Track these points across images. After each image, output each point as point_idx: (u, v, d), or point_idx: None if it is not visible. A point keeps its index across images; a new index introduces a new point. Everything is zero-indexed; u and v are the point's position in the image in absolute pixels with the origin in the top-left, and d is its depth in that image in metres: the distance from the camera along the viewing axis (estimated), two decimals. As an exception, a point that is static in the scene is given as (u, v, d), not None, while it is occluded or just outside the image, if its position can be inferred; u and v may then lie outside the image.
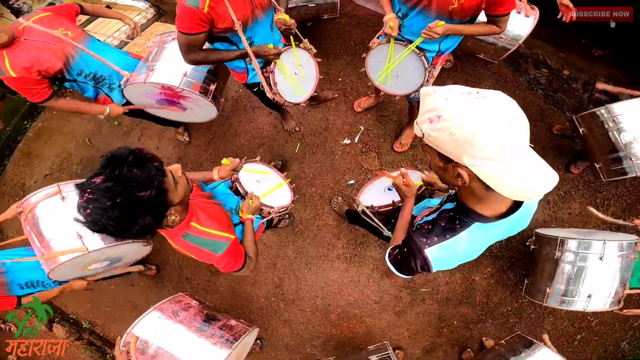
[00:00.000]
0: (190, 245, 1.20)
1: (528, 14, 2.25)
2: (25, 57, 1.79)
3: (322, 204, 2.95)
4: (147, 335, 1.66)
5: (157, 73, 1.95)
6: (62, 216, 1.80)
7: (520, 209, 0.88)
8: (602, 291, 1.93)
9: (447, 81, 3.12)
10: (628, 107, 1.98)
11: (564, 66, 3.21)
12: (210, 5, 1.46)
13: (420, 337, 2.72)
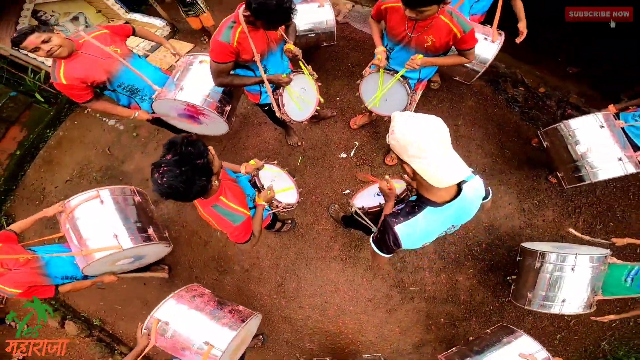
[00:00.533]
0: (216, 214, 1.57)
1: (494, 40, 2.63)
2: (78, 69, 2.13)
3: (321, 211, 3.28)
4: (167, 319, 1.95)
5: (184, 92, 2.32)
6: (100, 218, 2.14)
7: (462, 202, 1.24)
8: (575, 297, 2.23)
9: (433, 100, 3.53)
10: (582, 122, 2.35)
11: (539, 84, 3.61)
12: (238, 41, 1.90)
13: (410, 334, 2.99)
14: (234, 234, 1.66)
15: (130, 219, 2.25)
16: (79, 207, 2.11)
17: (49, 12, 3.84)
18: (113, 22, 4.36)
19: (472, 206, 1.37)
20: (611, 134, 2.29)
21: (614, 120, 2.35)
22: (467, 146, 3.37)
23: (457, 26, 1.89)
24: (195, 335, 1.91)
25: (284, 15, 1.73)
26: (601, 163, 2.27)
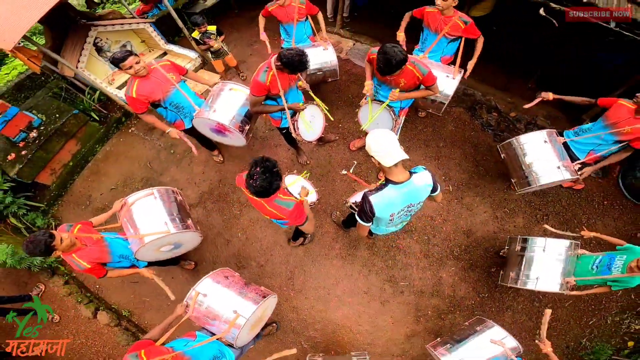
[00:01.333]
0: (277, 205, 2.21)
1: (454, 77, 3.39)
2: (146, 88, 2.93)
3: (325, 217, 3.93)
4: (203, 288, 2.54)
5: (216, 113, 3.10)
6: (153, 210, 2.80)
7: (413, 185, 1.96)
8: (549, 276, 2.73)
9: (419, 125, 4.31)
10: (530, 138, 3.04)
11: (511, 109, 4.36)
12: (270, 81, 2.71)
13: (401, 324, 3.47)
14: (292, 216, 2.26)
15: (174, 212, 2.89)
16: (136, 202, 2.79)
17: (104, 40, 4.72)
18: (153, 52, 5.34)
19: (422, 191, 2.05)
20: (553, 147, 2.95)
21: (556, 136, 3.03)
22: (447, 164, 4.08)
23: (419, 71, 2.69)
24: (225, 306, 2.44)
25: (303, 67, 2.55)
26: (543, 171, 2.92)
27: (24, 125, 3.98)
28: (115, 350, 3.74)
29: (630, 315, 3.43)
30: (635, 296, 3.47)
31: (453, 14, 3.17)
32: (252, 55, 5.39)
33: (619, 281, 2.40)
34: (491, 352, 2.41)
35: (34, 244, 2.22)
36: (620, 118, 2.65)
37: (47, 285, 3.97)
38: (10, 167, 3.86)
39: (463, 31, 3.22)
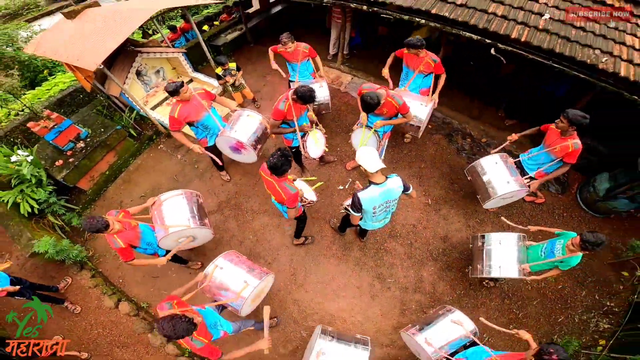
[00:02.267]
0: (283, 186, 3.01)
1: (427, 105, 4.38)
2: (185, 110, 3.79)
3: (324, 223, 4.70)
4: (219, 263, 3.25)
5: (237, 133, 4.00)
6: (180, 208, 3.51)
7: (389, 186, 2.82)
8: (508, 265, 3.45)
9: (405, 149, 5.26)
10: (487, 160, 3.96)
11: (482, 136, 5.33)
12: (287, 109, 3.63)
13: (389, 316, 4.10)
14: (290, 198, 3.07)
15: (195, 211, 3.61)
16: (167, 200, 3.51)
17: (144, 65, 5.71)
18: (181, 78, 6.33)
19: (395, 190, 2.91)
20: (504, 166, 3.87)
21: (505, 158, 3.96)
22: (428, 182, 4.98)
23: (396, 103, 3.67)
24: (235, 279, 3.16)
25: (312, 100, 3.54)
26: (497, 185, 3.80)
27: (73, 136, 4.78)
28: (130, 339, 4.19)
29: (597, 315, 4.07)
30: (600, 296, 4.17)
31: (425, 54, 4.21)
32: (265, 86, 6.46)
33: (564, 262, 3.08)
34: (454, 331, 3.05)
35: (95, 222, 2.89)
36: (552, 140, 3.55)
37: (75, 278, 4.53)
38: (57, 172, 4.61)
39: (434, 68, 4.27)
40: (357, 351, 2.93)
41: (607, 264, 4.35)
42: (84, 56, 3.98)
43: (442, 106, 5.75)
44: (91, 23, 4.43)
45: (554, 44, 3.71)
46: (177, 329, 2.29)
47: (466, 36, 4.16)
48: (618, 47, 3.71)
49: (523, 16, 4.01)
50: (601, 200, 4.42)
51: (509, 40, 3.89)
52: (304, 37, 7.57)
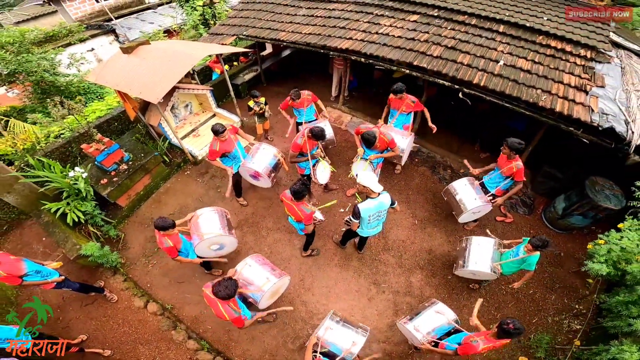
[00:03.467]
0: (302, 208, 4.02)
1: (407, 137, 5.59)
2: (223, 146, 4.92)
3: (328, 238, 5.66)
4: (248, 263, 4.17)
5: (254, 164, 5.13)
6: (213, 220, 4.48)
7: (381, 200, 3.94)
8: (482, 260, 4.37)
9: (395, 179, 6.40)
10: (458, 183, 5.09)
11: (461, 167, 6.52)
12: (303, 144, 4.81)
13: (384, 316, 4.89)
14: (307, 217, 4.05)
15: (224, 223, 4.56)
16: (202, 214, 4.47)
17: (177, 99, 6.87)
18: (205, 112, 7.54)
19: (385, 203, 3.97)
20: (471, 187, 5.00)
21: (472, 180, 5.10)
22: (414, 206, 6.06)
23: (386, 137, 4.86)
24: (261, 275, 4.07)
25: (323, 138, 4.74)
26: (467, 202, 4.89)
27: (118, 159, 5.81)
28: (153, 336, 4.81)
29: (568, 317, 4.86)
30: (569, 300, 5.03)
31: (406, 97, 5.49)
32: (277, 123, 7.71)
33: (525, 261, 4.00)
34: (438, 319, 3.87)
35: (167, 221, 3.88)
36: (502, 163, 4.71)
37: (108, 281, 5.29)
38: (102, 189, 5.56)
39: (413, 108, 5.56)
40: (357, 335, 3.64)
41: (572, 272, 5.27)
42: (146, 90, 5.09)
43: (426, 142, 7.11)
44: (147, 60, 5.54)
45: (505, 87, 4.95)
46: (229, 286, 3.20)
47: (439, 82, 5.50)
48: (556, 86, 4.91)
49: (483, 64, 5.32)
50: (560, 218, 5.52)
51: (472, 85, 5.17)
52: (309, 79, 9.37)
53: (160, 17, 17.81)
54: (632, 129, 4.35)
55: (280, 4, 7.88)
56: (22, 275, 3.90)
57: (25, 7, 18.51)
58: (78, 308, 5.06)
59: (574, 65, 5.26)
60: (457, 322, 3.86)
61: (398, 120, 5.80)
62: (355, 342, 3.54)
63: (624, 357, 3.50)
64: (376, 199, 3.93)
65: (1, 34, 8.56)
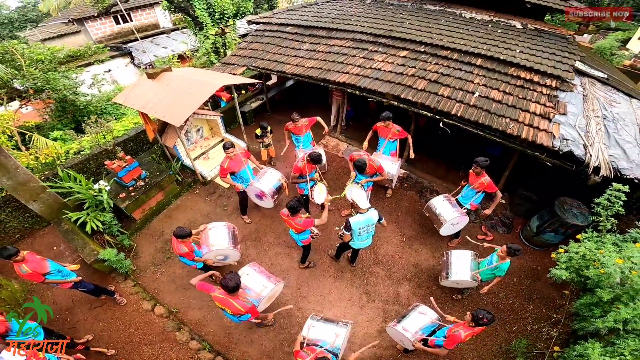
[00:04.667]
0: (297, 222, 4.72)
1: (395, 162, 6.45)
2: (232, 164, 5.73)
3: (323, 253, 6.30)
4: (246, 272, 4.78)
5: (261, 185, 5.92)
6: (222, 233, 5.16)
7: (369, 215, 4.67)
8: (464, 271, 4.97)
9: (386, 202, 7.15)
10: (436, 200, 5.83)
11: (446, 191, 7.17)
12: (303, 166, 5.64)
13: (374, 322, 5.41)
14: (304, 225, 4.73)
15: (232, 237, 5.20)
16: (214, 227, 5.14)
17: (189, 125, 7.70)
18: (215, 137, 8.41)
19: (373, 218, 4.70)
20: (448, 202, 5.74)
21: (449, 196, 5.85)
22: (403, 225, 6.76)
23: (375, 164, 5.65)
24: (258, 282, 4.67)
25: (320, 162, 5.55)
26: (446, 214, 5.60)
27: (136, 176, 6.58)
28: (157, 337, 5.28)
29: (547, 325, 5.33)
30: (546, 310, 5.55)
31: (392, 126, 6.33)
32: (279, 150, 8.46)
33: (498, 267, 4.62)
34: (422, 319, 4.42)
35: (185, 230, 4.58)
36: (472, 180, 5.45)
37: (118, 286, 5.87)
38: (121, 202, 6.29)
39: (398, 135, 6.39)
40: (339, 328, 4.08)
41: (549, 285, 5.83)
42: (170, 114, 5.94)
43: (415, 169, 7.93)
44: (170, 86, 6.40)
45: (479, 117, 5.77)
46: (234, 277, 3.82)
47: (422, 113, 6.40)
48: (523, 115, 5.71)
49: (461, 95, 6.18)
50: (535, 235, 6.19)
51: (451, 115, 6.02)
52: (310, 109, 10.40)
53: (174, 42, 19.24)
54: (590, 153, 5.13)
55: (286, 39, 8.94)
56: (45, 273, 4.50)
57: (50, 24, 20.25)
58: (87, 310, 5.59)
59: (540, 94, 6.10)
60: (439, 320, 4.40)
61: (386, 148, 6.65)
62: (338, 334, 4.02)
63: (588, 354, 3.95)
64: (365, 214, 4.63)
65: (33, 50, 9.41)
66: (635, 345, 3.72)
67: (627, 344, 3.80)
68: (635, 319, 3.93)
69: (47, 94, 9.02)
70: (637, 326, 3.88)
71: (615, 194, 4.81)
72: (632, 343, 3.76)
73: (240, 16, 13.45)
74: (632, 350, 3.71)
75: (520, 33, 7.97)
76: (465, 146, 8.06)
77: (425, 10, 9.45)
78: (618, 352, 3.82)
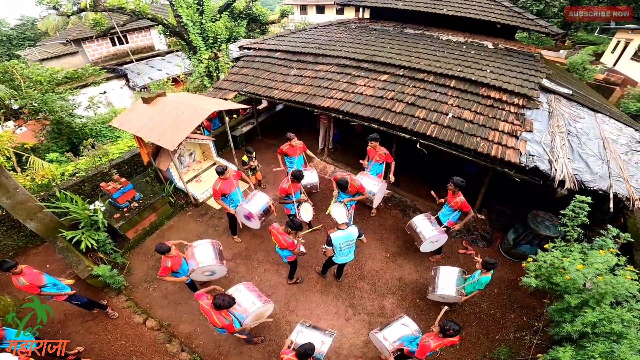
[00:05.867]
0: (285, 239, 5.15)
1: (379, 184, 6.89)
2: (224, 186, 6.16)
3: (311, 269, 6.68)
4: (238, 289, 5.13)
5: (249, 206, 6.38)
6: (207, 251, 5.58)
7: (349, 232, 5.14)
8: (449, 286, 5.36)
9: (370, 220, 7.62)
10: (417, 219, 6.29)
11: (428, 209, 7.69)
12: (288, 187, 6.12)
13: (360, 334, 5.72)
14: (289, 244, 5.16)
15: (217, 254, 5.61)
16: (197, 246, 5.53)
17: (182, 149, 8.19)
18: (207, 161, 8.87)
19: (353, 234, 5.15)
20: (428, 221, 6.18)
21: (429, 215, 6.30)
22: (387, 242, 7.20)
23: (356, 184, 6.12)
24: (247, 300, 5.00)
25: (301, 178, 6.02)
26: (426, 232, 6.03)
27: (130, 198, 6.99)
28: (148, 349, 5.55)
29: (529, 333, 5.60)
30: (528, 318, 5.89)
31: (379, 149, 6.83)
32: (269, 173, 9.04)
33: (479, 282, 4.99)
34: (402, 330, 4.78)
35: (164, 246, 4.93)
36: (450, 199, 5.89)
37: (111, 300, 6.17)
38: (115, 222, 6.67)
39: (384, 158, 6.88)
40: (325, 336, 4.48)
41: (529, 294, 6.19)
42: (164, 138, 6.41)
43: (398, 189, 8.43)
44: (164, 110, 6.90)
45: (452, 137, 6.32)
46: (226, 299, 4.18)
47: (400, 135, 6.91)
48: (492, 133, 6.25)
49: (436, 117, 6.74)
50: (513, 248, 6.64)
51: (426, 136, 6.56)
52: (299, 133, 10.74)
53: (169, 64, 19.99)
54: (555, 167, 5.66)
55: (275, 64, 9.62)
56: (41, 285, 4.84)
57: (48, 44, 21.02)
58: (79, 324, 5.87)
59: (509, 113, 6.68)
60: (419, 333, 4.73)
61: (373, 169, 7.14)
62: (324, 342, 4.39)
63: (559, 357, 4.20)
64: (345, 230, 5.06)
65: (32, 71, 9.85)
66: (604, 347, 3.97)
67: (596, 346, 4.04)
68: (603, 322, 4.19)
69: (44, 115, 9.41)
70: (605, 329, 4.13)
71: (579, 205, 5.22)
72: (601, 346, 4.00)
73: (233, 40, 14.23)
74: (602, 352, 3.96)
75: (492, 53, 8.65)
76: (444, 166, 8.63)
77: (406, 34, 10.21)
78: (588, 354, 4.07)
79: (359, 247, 7.04)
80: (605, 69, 17.07)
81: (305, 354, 3.70)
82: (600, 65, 17.91)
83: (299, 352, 3.72)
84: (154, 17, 13.51)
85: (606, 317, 4.20)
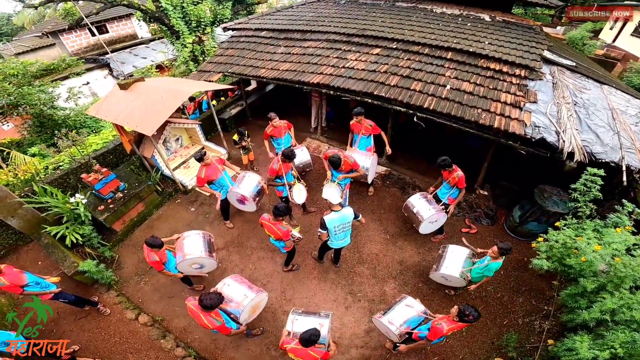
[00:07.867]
0: (280, 227, 4.86)
1: (369, 157, 6.55)
2: (208, 172, 5.86)
3: (307, 255, 6.44)
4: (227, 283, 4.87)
5: (241, 189, 6.08)
6: (197, 242, 5.28)
7: (344, 213, 4.84)
8: (453, 266, 5.09)
9: (368, 200, 7.31)
10: (414, 198, 6.05)
11: (427, 187, 7.31)
12: (279, 168, 5.79)
13: (361, 322, 5.53)
14: (284, 233, 4.89)
15: (207, 245, 5.33)
16: (189, 236, 5.26)
17: (168, 133, 7.82)
18: (194, 146, 8.54)
19: (348, 216, 4.86)
20: (426, 200, 5.92)
21: (426, 194, 6.04)
22: (386, 223, 6.94)
23: (350, 160, 5.83)
24: (239, 293, 4.75)
25: (293, 157, 5.69)
26: (423, 213, 5.77)
27: (114, 188, 6.71)
28: (143, 345, 5.37)
29: (538, 317, 5.41)
30: (537, 302, 5.67)
31: (364, 121, 6.52)
32: (260, 154, 8.72)
33: (487, 268, 4.70)
34: (408, 312, 4.53)
35: (156, 239, 4.68)
36: (447, 176, 5.64)
37: (102, 297, 5.96)
38: (99, 214, 6.40)
39: (371, 130, 6.56)
40: (321, 319, 4.33)
41: (538, 276, 5.97)
42: (142, 123, 6.09)
43: (397, 166, 8.15)
44: (142, 95, 6.59)
45: (451, 109, 6.02)
46: (213, 298, 3.90)
47: (396, 109, 6.58)
48: (494, 105, 5.95)
49: (433, 89, 6.42)
50: (519, 225, 6.38)
51: (423, 109, 6.25)
52: (291, 112, 10.60)
53: (153, 52, 19.62)
54: (563, 139, 5.34)
55: (261, 43, 9.23)
56: (23, 285, 4.58)
57: (24, 38, 20.62)
58: (72, 322, 5.67)
59: (510, 84, 6.37)
60: (426, 313, 4.46)
61: (360, 143, 6.82)
62: (322, 324, 4.22)
63: (576, 347, 3.91)
64: (339, 212, 4.78)
65: (5, 65, 9.59)
66: (625, 337, 3.67)
67: (616, 335, 3.74)
68: (623, 309, 3.87)
69: (24, 109, 9.16)
70: (625, 317, 3.82)
71: (591, 178, 4.94)
72: (621, 335, 3.71)
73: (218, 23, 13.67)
74: (622, 342, 3.65)
75: (489, 25, 8.32)
76: (444, 140, 8.27)
77: (398, 8, 9.80)
78: (608, 344, 3.74)
79: (357, 229, 6.81)
80: (605, 44, 16.92)
81: (310, 339, 3.54)
82: (600, 41, 17.61)
83: (303, 338, 3.55)
84: (130, 3, 12.95)
85: (626, 304, 3.86)
